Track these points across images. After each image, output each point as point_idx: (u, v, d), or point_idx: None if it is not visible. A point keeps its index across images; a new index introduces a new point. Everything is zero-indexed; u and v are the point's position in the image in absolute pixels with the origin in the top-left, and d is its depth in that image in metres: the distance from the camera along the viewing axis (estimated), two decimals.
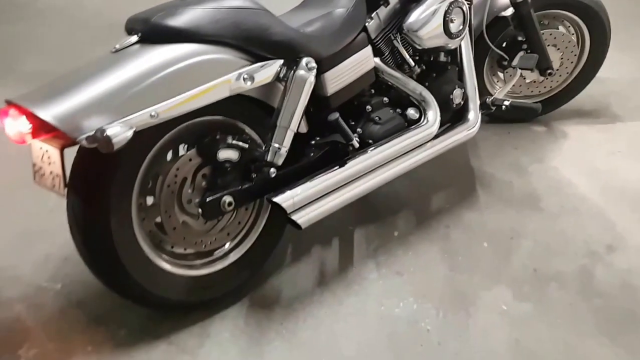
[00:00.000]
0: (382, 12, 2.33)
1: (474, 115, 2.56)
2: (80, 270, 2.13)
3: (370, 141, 2.29)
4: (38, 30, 4.18)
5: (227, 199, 2.00)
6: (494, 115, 3.01)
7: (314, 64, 2.00)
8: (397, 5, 2.36)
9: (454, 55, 2.56)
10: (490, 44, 2.76)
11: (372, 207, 2.67)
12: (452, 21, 2.37)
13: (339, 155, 2.18)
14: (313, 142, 2.20)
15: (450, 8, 2.35)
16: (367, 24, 2.29)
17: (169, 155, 1.97)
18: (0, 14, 4.44)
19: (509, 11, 2.77)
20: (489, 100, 2.70)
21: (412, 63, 2.43)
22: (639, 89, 3.50)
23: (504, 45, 2.87)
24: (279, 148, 1.98)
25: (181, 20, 1.82)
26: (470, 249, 2.43)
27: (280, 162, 2.00)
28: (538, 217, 2.58)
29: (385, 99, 2.39)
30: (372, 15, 2.31)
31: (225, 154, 1.96)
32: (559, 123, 3.19)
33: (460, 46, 2.56)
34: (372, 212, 2.64)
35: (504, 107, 2.69)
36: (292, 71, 1.99)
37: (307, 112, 2.13)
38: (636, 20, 4.30)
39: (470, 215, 2.60)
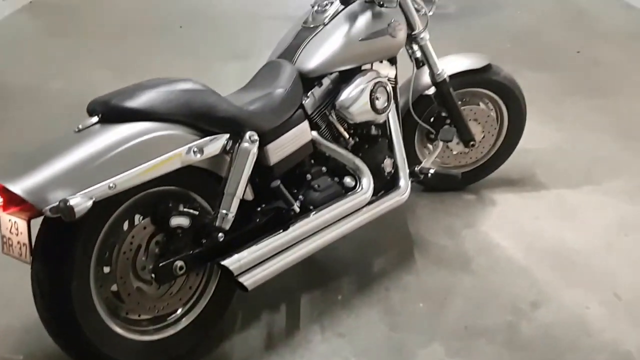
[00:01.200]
0: (317, 91, 2.58)
1: (404, 182, 2.80)
2: (41, 342, 2.23)
3: (311, 207, 2.49)
4: (8, 113, 4.34)
5: (179, 263, 2.15)
6: (425, 183, 3.26)
7: (256, 137, 2.22)
8: (330, 86, 2.62)
9: (384, 128, 2.81)
10: (417, 119, 3.03)
11: (318, 272, 2.84)
12: (377, 99, 2.63)
13: (283, 220, 2.37)
14: (259, 208, 2.38)
15: (375, 87, 2.63)
16: (304, 102, 2.53)
17: (126, 225, 2.13)
18: None
19: (432, 90, 3.05)
20: (417, 168, 2.96)
21: (347, 136, 2.67)
22: (561, 158, 3.78)
23: (431, 120, 3.13)
24: (226, 214, 2.17)
25: (137, 101, 2.03)
26: (407, 309, 2.61)
27: (227, 226, 2.18)
28: (469, 278, 2.79)
29: (324, 168, 2.61)
30: (308, 94, 2.56)
31: (177, 221, 2.12)
32: (488, 191, 3.43)
33: (388, 120, 2.81)
34: (318, 276, 2.81)
35: (429, 175, 2.96)
36: (237, 144, 2.20)
37: (253, 182, 2.32)
38: (558, 96, 4.65)
39: (407, 277, 2.79)
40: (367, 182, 2.61)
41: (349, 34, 2.59)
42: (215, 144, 2.15)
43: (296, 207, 2.38)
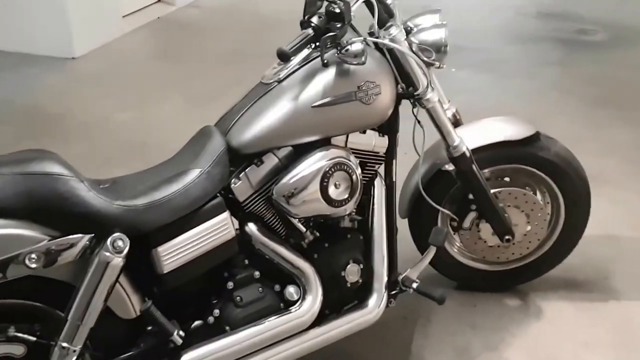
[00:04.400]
0: (254, 172, 1.93)
1: (375, 299, 2.08)
2: None
3: (227, 327, 1.88)
4: (56, 147, 4.07)
5: None
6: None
7: (122, 243, 1.65)
8: (278, 163, 1.94)
9: (364, 221, 2.12)
10: (431, 202, 2.32)
11: None
12: (336, 186, 1.93)
13: (164, 352, 1.79)
14: (149, 327, 1.82)
15: (332, 170, 1.92)
16: (232, 186, 1.91)
17: None
18: None
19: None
20: (400, 278, 2.21)
21: (303, 229, 2.01)
22: None
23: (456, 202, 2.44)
24: (67, 348, 1.62)
25: None
26: None
27: None
28: None
29: (257, 273, 1.96)
30: (240, 176, 1.92)
31: (4, 349, 1.62)
32: (538, 295, 2.63)
33: (372, 211, 2.12)
34: None
35: (411, 290, 2.19)
36: (97, 251, 1.65)
37: (150, 292, 1.79)
38: None
39: None
40: (312, 297, 1.95)
41: (299, 98, 1.93)
42: (69, 250, 1.62)
43: (177, 337, 1.77)
